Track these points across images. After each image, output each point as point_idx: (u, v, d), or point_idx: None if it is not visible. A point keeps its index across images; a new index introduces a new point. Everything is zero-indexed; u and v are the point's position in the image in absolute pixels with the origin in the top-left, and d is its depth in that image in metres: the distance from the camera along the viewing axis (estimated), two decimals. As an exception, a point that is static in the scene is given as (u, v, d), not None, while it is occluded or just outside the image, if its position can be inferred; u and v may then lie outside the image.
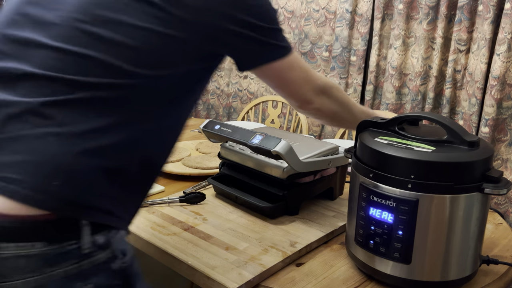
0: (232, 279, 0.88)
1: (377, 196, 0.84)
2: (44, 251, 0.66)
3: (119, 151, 0.72)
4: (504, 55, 1.93)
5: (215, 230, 1.08)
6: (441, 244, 0.83)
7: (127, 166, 0.74)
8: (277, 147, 1.01)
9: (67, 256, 0.67)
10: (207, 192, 1.29)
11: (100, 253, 0.70)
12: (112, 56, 0.71)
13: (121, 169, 0.73)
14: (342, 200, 1.28)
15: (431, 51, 2.25)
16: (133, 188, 0.77)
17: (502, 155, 2.08)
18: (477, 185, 0.81)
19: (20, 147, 0.67)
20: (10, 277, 0.65)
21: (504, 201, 2.11)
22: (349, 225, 0.95)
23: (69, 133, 0.68)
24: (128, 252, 0.76)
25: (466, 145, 0.83)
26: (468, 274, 0.87)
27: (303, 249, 1.00)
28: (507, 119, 2.03)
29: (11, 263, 0.65)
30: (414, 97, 2.31)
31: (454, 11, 2.15)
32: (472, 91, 2.09)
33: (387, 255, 0.85)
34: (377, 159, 0.85)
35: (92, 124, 0.70)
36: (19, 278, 0.65)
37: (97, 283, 0.70)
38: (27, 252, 0.65)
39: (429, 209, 0.81)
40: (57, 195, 0.66)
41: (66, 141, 0.68)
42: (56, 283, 0.67)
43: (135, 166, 0.75)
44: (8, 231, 0.64)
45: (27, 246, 0.65)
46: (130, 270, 0.76)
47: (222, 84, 3.13)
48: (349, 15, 2.47)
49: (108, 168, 0.71)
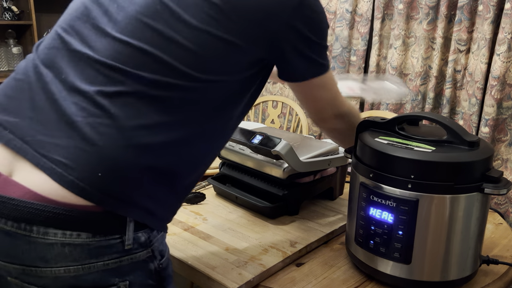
0: (232, 279, 0.88)
1: (377, 196, 0.84)
2: (88, 242, 0.67)
3: (166, 151, 0.72)
4: (504, 55, 1.93)
5: (215, 230, 1.08)
6: (441, 244, 0.83)
7: (173, 166, 0.74)
8: (277, 147, 1.01)
9: (110, 250, 0.68)
10: (207, 192, 1.29)
11: (140, 251, 0.71)
12: (170, 56, 0.71)
13: (167, 169, 0.73)
14: (342, 200, 1.28)
15: (431, 51, 2.25)
16: (176, 189, 0.77)
17: (502, 155, 2.08)
18: (477, 185, 0.81)
19: (73, 133, 0.67)
20: (53, 263, 0.66)
21: (504, 201, 2.11)
22: (349, 225, 0.95)
23: (120, 126, 0.68)
24: (166, 253, 0.77)
25: (466, 145, 0.83)
26: (468, 274, 0.87)
27: (303, 249, 1.00)
28: (507, 119, 2.03)
29: (56, 250, 0.66)
30: (414, 97, 2.31)
31: (454, 11, 2.15)
32: (472, 91, 2.09)
33: (387, 255, 0.85)
34: (377, 159, 0.85)
35: (143, 120, 0.69)
36: (61, 265, 0.66)
37: (133, 280, 0.71)
38: (73, 241, 0.66)
39: (429, 209, 0.81)
40: (100, 187, 0.67)
41: (116, 134, 0.68)
42: (94, 275, 0.68)
43: (180, 168, 0.75)
44: (56, 218, 0.65)
45: (73, 235, 0.66)
46: (165, 272, 0.76)
47: (222, 84, 3.13)
48: (349, 15, 2.47)
49: (155, 166, 0.71)
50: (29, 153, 0.67)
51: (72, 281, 0.67)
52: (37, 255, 0.66)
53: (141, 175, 0.70)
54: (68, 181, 0.65)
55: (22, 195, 0.65)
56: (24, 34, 3.10)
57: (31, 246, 0.66)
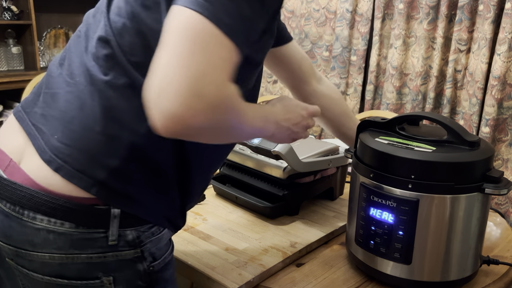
0: (232, 279, 0.88)
1: (378, 196, 0.84)
2: (71, 232, 0.68)
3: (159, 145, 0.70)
4: (505, 55, 1.93)
5: (215, 230, 1.07)
6: (442, 244, 0.82)
7: (167, 161, 0.72)
8: (277, 147, 1.01)
9: (93, 244, 0.69)
10: (207, 192, 1.29)
11: (127, 249, 0.71)
12: None
13: (161, 162, 0.72)
14: (342, 200, 1.27)
15: (431, 51, 2.25)
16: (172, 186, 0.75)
17: (502, 155, 2.08)
18: (477, 185, 0.81)
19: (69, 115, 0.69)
20: (41, 248, 0.69)
21: (504, 201, 2.11)
22: (350, 225, 0.95)
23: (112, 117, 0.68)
24: (161, 257, 0.75)
25: (467, 145, 0.83)
26: (469, 275, 0.87)
27: (303, 249, 1.00)
28: (507, 119, 2.03)
29: (42, 235, 0.68)
30: (415, 97, 2.30)
31: (454, 11, 2.15)
32: (473, 91, 2.09)
33: (387, 256, 0.85)
34: (377, 159, 0.85)
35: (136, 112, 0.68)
36: (47, 251, 0.68)
37: (118, 277, 0.71)
38: (57, 229, 0.68)
39: (429, 209, 0.81)
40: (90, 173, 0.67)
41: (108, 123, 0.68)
42: (78, 265, 0.69)
43: (174, 162, 0.74)
44: (43, 204, 0.67)
45: (57, 223, 0.67)
46: (157, 275, 0.75)
47: (222, 84, 3.12)
48: (349, 15, 2.47)
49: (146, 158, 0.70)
50: (36, 139, 0.70)
51: (58, 268, 0.69)
52: (27, 238, 0.69)
53: (134, 166, 0.70)
54: (58, 166, 0.67)
55: (22, 181, 0.69)
56: (24, 34, 3.10)
57: (22, 229, 0.69)
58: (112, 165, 0.68)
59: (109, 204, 0.69)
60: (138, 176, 0.71)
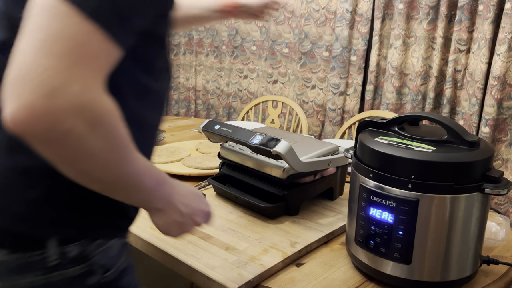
0: (232, 279, 0.88)
1: (377, 196, 0.84)
2: (6, 259, 0.64)
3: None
4: (505, 55, 1.93)
5: (215, 230, 1.07)
6: (442, 244, 0.83)
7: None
8: (277, 147, 1.01)
9: (31, 267, 0.65)
10: (207, 192, 1.29)
11: (72, 266, 0.66)
12: None
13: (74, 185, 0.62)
14: (342, 200, 1.28)
15: (431, 51, 2.25)
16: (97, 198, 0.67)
17: (502, 155, 2.08)
18: (477, 185, 0.81)
19: None
20: None
21: (504, 201, 2.11)
22: (349, 225, 0.95)
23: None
24: (115, 266, 0.71)
25: (467, 145, 0.83)
26: (469, 275, 0.87)
27: (303, 249, 1.00)
28: (507, 119, 2.03)
29: None
30: (414, 97, 2.30)
31: (454, 11, 2.15)
32: (473, 91, 2.09)
33: (387, 255, 0.85)
34: (377, 159, 0.85)
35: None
36: None
37: None
38: None
39: (429, 209, 0.81)
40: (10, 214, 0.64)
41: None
42: None
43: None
44: None
45: None
46: (114, 285, 0.71)
47: (222, 84, 3.13)
48: (349, 15, 2.47)
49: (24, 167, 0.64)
50: None
51: None
52: None
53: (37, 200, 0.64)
54: None
55: None
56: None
57: None
58: (20, 212, 0.64)
59: (41, 234, 0.65)
60: (59, 203, 0.66)
